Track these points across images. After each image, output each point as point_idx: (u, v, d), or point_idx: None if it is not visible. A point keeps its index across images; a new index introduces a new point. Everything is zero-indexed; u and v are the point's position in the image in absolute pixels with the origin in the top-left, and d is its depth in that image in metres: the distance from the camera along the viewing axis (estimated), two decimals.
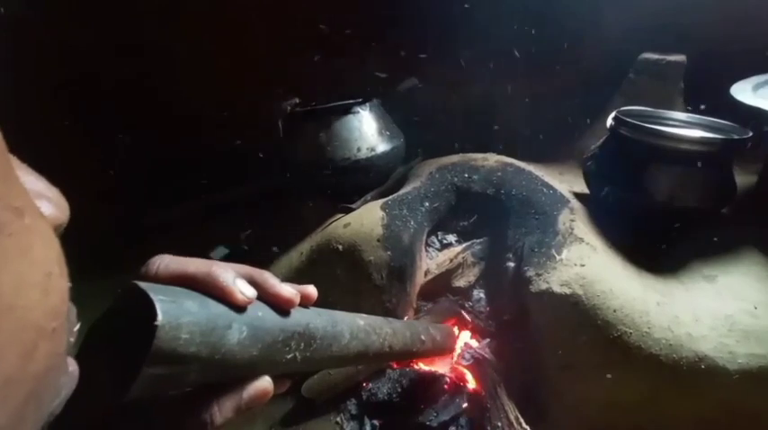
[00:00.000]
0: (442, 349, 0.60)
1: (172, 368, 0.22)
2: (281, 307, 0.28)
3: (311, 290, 0.32)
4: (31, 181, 0.19)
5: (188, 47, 1.36)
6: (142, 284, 0.22)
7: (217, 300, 0.24)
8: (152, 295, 0.21)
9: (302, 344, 0.29)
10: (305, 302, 0.31)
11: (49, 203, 0.19)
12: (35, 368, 0.15)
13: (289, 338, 0.28)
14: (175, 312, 0.22)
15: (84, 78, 1.35)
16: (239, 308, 0.25)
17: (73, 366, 0.20)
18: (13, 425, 0.14)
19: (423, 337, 0.52)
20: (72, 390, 0.20)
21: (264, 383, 0.27)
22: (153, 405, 0.24)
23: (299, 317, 0.30)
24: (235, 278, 0.25)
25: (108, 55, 1.35)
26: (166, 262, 0.25)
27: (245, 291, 0.26)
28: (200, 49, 1.37)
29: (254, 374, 0.27)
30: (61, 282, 0.16)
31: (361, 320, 0.38)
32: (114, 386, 0.21)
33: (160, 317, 0.21)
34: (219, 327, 0.24)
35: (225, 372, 0.25)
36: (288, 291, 0.28)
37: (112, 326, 0.24)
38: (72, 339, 0.19)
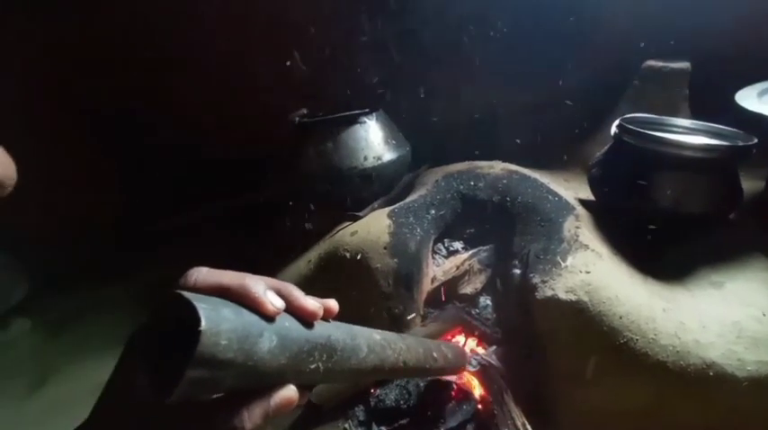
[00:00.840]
0: (454, 367, 0.60)
1: (211, 372, 0.23)
2: (305, 319, 0.30)
3: (333, 304, 0.33)
4: None
5: (195, 54, 1.40)
6: (185, 293, 0.23)
7: (249, 310, 0.26)
8: (195, 303, 0.23)
9: (324, 356, 0.31)
10: (326, 316, 0.32)
11: None
12: None
13: (313, 349, 0.29)
14: (216, 319, 0.23)
15: (92, 88, 1.39)
16: (269, 318, 0.27)
17: None
18: None
19: (435, 355, 0.52)
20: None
21: (291, 391, 0.28)
22: (188, 409, 0.25)
23: (322, 329, 0.31)
24: (265, 289, 0.27)
25: (115, 65, 1.38)
26: (204, 273, 0.27)
27: (275, 302, 0.27)
28: (207, 57, 1.40)
29: (280, 382, 0.28)
30: None
31: (377, 335, 0.40)
32: (156, 389, 0.23)
33: (204, 322, 0.22)
34: (253, 335, 0.25)
35: (256, 379, 0.26)
36: (312, 304, 0.30)
37: (153, 332, 0.25)
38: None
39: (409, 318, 0.87)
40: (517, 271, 0.84)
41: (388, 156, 1.04)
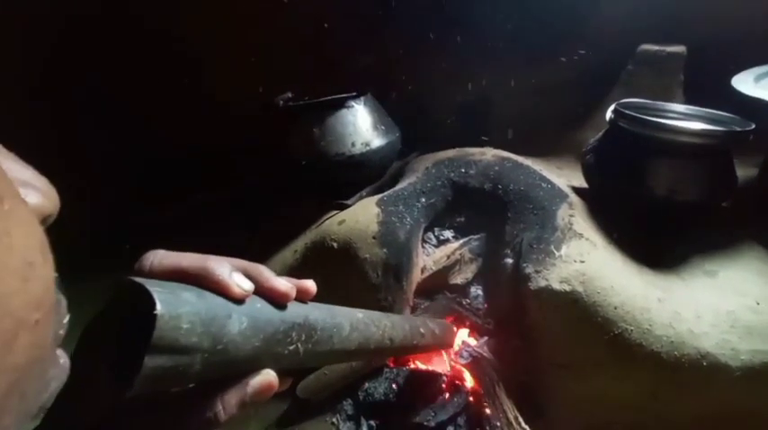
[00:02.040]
0: (442, 343, 0.59)
1: (174, 359, 0.21)
2: (277, 301, 0.28)
3: (309, 284, 0.31)
4: (17, 169, 0.19)
5: (179, 41, 1.33)
6: (137, 279, 0.22)
7: (214, 294, 0.24)
8: (149, 287, 0.21)
9: (303, 336, 0.29)
10: (302, 297, 0.30)
11: (36, 192, 0.18)
12: (15, 360, 0.14)
13: (289, 329, 0.28)
14: (174, 302, 0.21)
15: (73, 79, 1.32)
16: (237, 301, 0.25)
17: (64, 358, 0.19)
18: None
19: (422, 330, 0.51)
20: (63, 383, 0.19)
21: (269, 377, 0.26)
22: (156, 403, 0.23)
23: (298, 309, 0.30)
24: (231, 271, 0.25)
25: (99, 52, 1.31)
26: (160, 257, 0.25)
27: (241, 283, 0.25)
28: (192, 44, 1.34)
29: (257, 368, 0.26)
30: (44, 272, 0.16)
31: (359, 313, 0.38)
32: (116, 382, 0.21)
33: (159, 306, 0.20)
34: (220, 317, 0.23)
35: (228, 365, 0.24)
36: (284, 284, 0.28)
37: (109, 323, 0.23)
38: (62, 331, 0.19)
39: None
40: (509, 260, 0.82)
41: (376, 142, 1.00)
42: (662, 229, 0.80)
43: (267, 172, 1.28)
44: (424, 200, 0.93)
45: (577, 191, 0.91)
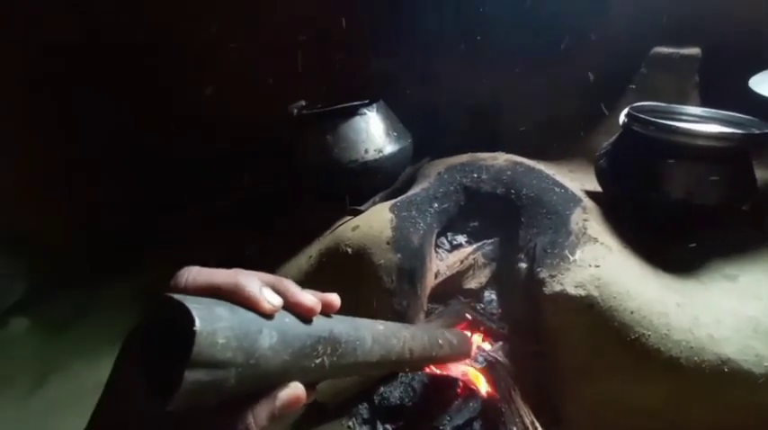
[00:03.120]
0: (459, 354, 0.59)
1: (211, 374, 0.22)
2: (304, 315, 0.29)
3: (333, 298, 0.32)
4: None
5: (192, 45, 1.36)
6: (176, 296, 0.22)
7: (245, 309, 0.25)
8: (188, 305, 0.22)
9: (329, 349, 0.30)
10: (327, 310, 0.31)
11: None
12: None
13: (316, 343, 0.29)
14: (210, 319, 0.22)
15: (89, 79, 1.36)
16: (267, 316, 0.26)
17: None
18: None
19: (440, 342, 0.52)
20: None
21: (297, 390, 0.27)
22: (191, 418, 0.24)
23: (323, 323, 0.30)
24: (261, 287, 0.26)
25: (111, 53, 1.35)
26: (194, 274, 0.25)
27: (271, 299, 0.26)
28: (206, 49, 1.37)
29: (285, 381, 0.27)
30: None
31: (380, 326, 0.39)
32: (154, 397, 0.22)
33: (198, 323, 0.21)
34: (252, 332, 0.24)
35: (259, 379, 0.25)
36: (310, 299, 0.29)
37: (147, 338, 0.24)
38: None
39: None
40: (523, 265, 0.82)
41: (389, 148, 1.01)
42: (678, 233, 0.79)
43: (281, 179, 1.30)
44: (436, 205, 0.94)
45: (591, 195, 0.91)
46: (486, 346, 0.82)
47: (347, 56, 1.30)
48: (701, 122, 0.87)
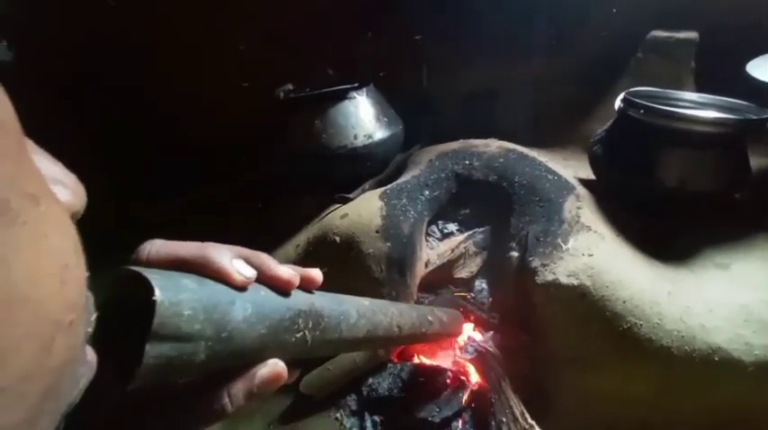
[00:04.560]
0: (450, 331, 0.57)
1: (177, 348, 0.20)
2: (281, 288, 0.27)
3: (314, 273, 0.30)
4: (47, 166, 0.18)
5: (176, 32, 1.31)
6: (134, 268, 0.21)
7: (215, 281, 0.24)
8: (146, 275, 0.20)
9: (310, 323, 0.28)
10: (307, 286, 0.30)
11: (66, 189, 0.18)
12: (53, 362, 0.14)
13: (296, 316, 0.27)
14: (174, 289, 0.21)
15: (81, 76, 1.31)
16: (239, 288, 0.24)
17: (91, 355, 0.19)
18: (31, 420, 0.14)
19: (430, 318, 0.50)
20: (90, 380, 0.19)
21: (277, 367, 0.26)
22: (162, 397, 0.23)
23: (304, 297, 0.29)
24: (231, 259, 0.24)
25: (102, 51, 1.30)
26: (157, 246, 0.24)
27: (242, 271, 0.24)
28: (190, 35, 1.32)
29: (264, 358, 0.25)
30: (78, 272, 0.16)
31: (366, 301, 0.37)
32: (121, 375, 0.21)
33: (158, 292, 0.20)
34: (222, 304, 0.23)
35: (234, 354, 0.23)
36: (287, 272, 0.27)
37: (109, 317, 0.22)
38: (90, 329, 0.19)
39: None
40: (515, 254, 0.80)
41: (379, 134, 0.98)
42: (672, 221, 0.77)
43: (268, 165, 1.27)
44: (427, 193, 0.92)
45: (584, 182, 0.89)
46: (477, 336, 0.80)
47: (337, 39, 1.26)
48: (698, 108, 0.85)
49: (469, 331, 0.82)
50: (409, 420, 0.73)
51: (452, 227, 0.96)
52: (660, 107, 0.75)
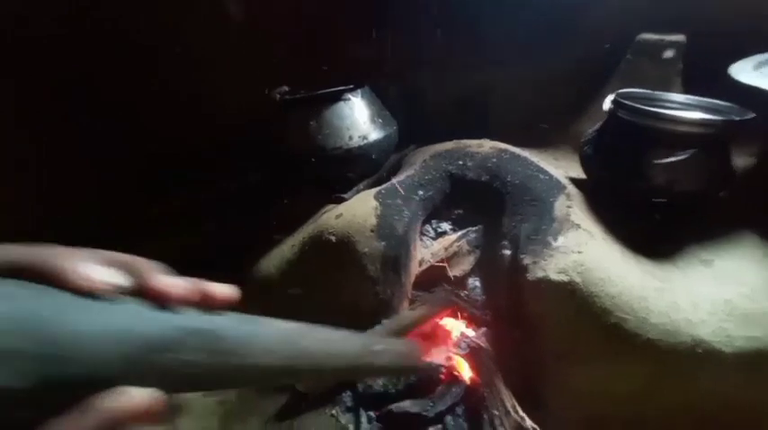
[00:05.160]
0: (407, 364, 0.48)
1: None
2: (163, 303, 0.22)
3: (218, 289, 0.24)
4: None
5: (173, 33, 1.32)
6: None
7: (57, 290, 0.20)
8: None
9: (205, 344, 0.23)
10: (205, 302, 0.24)
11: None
12: None
13: (183, 336, 0.22)
14: None
15: (78, 73, 1.30)
16: (92, 297, 0.20)
17: None
18: None
19: (378, 348, 0.41)
20: None
21: (134, 398, 0.19)
22: None
23: (198, 315, 0.24)
24: (79, 261, 0.20)
25: (101, 48, 1.30)
26: None
27: (96, 276, 0.20)
28: (185, 36, 1.32)
29: (132, 383, 0.20)
30: None
31: (292, 324, 0.32)
32: None
33: None
34: (56, 315, 0.18)
35: (81, 379, 0.19)
36: (174, 284, 0.23)
37: None
38: None
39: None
40: (507, 251, 0.82)
41: (374, 135, 1.00)
42: (660, 219, 0.79)
43: (263, 166, 1.27)
44: (421, 192, 0.93)
45: (575, 182, 0.91)
46: (470, 333, 0.82)
47: (332, 41, 1.27)
48: (685, 109, 0.87)
49: (463, 328, 0.84)
50: (404, 415, 0.75)
51: (446, 226, 0.98)
52: (648, 108, 0.77)
